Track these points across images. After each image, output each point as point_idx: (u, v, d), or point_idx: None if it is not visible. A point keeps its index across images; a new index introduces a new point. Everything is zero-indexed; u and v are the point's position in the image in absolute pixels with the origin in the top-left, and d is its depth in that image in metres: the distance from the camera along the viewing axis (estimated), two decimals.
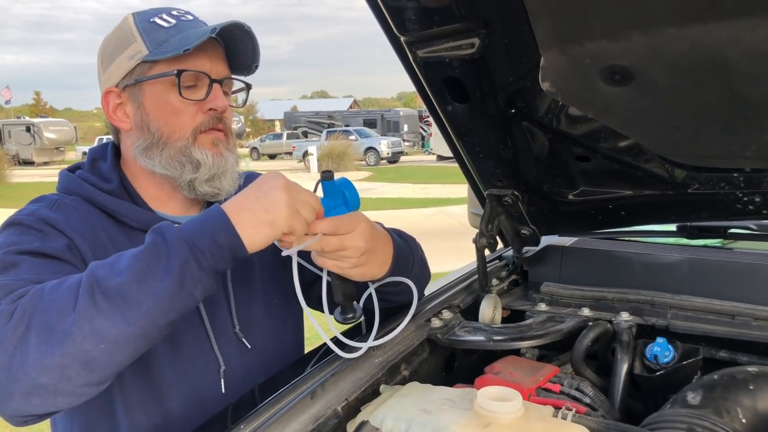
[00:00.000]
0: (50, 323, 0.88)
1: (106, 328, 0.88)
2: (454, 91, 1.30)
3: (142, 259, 0.92)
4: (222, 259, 0.96)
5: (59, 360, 0.87)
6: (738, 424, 1.06)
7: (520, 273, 1.85)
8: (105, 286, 0.90)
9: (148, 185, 1.25)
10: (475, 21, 1.14)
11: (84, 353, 0.88)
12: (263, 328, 1.31)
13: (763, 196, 1.34)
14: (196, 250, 0.93)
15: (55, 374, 0.88)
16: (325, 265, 1.10)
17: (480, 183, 1.58)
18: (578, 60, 1.10)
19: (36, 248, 1.05)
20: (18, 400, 0.89)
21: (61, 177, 1.25)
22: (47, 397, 0.89)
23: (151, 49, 1.17)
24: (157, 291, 0.90)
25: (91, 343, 0.88)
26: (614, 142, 1.35)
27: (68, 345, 0.87)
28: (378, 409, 1.05)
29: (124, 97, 1.21)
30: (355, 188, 1.11)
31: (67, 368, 0.88)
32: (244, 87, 1.31)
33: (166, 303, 0.91)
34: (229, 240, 0.95)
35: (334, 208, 1.08)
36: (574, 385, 1.23)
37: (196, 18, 1.24)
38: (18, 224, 1.11)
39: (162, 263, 0.91)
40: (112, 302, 0.89)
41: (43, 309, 0.89)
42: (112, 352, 0.90)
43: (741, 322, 1.37)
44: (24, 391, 0.88)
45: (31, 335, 0.87)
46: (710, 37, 0.96)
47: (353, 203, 1.10)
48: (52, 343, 0.87)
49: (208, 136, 1.21)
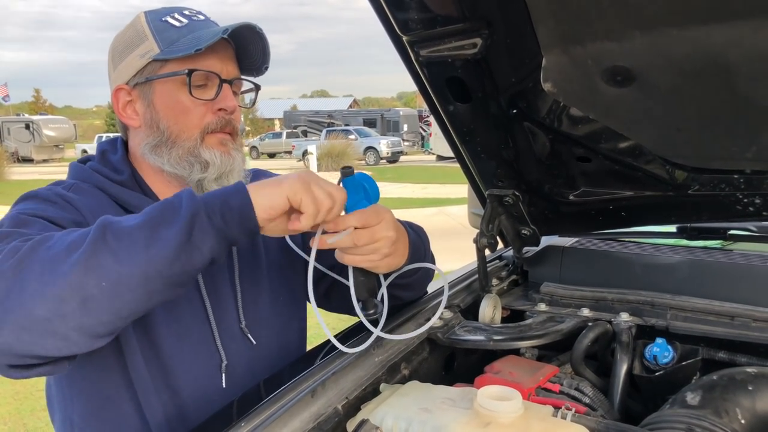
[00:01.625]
0: (56, 256, 0.89)
1: (109, 265, 0.88)
2: (456, 91, 1.31)
3: (155, 209, 0.94)
4: (231, 219, 0.95)
5: (59, 291, 0.86)
6: (737, 425, 1.06)
7: (520, 273, 1.86)
8: (116, 227, 0.91)
9: (156, 181, 1.26)
10: (477, 21, 1.14)
11: (84, 288, 0.87)
12: (269, 325, 1.32)
13: (763, 197, 1.35)
14: (208, 207, 0.94)
15: (51, 306, 0.87)
16: (354, 261, 1.10)
17: (481, 183, 1.59)
18: (580, 61, 1.10)
19: (50, 216, 1.07)
20: (8, 334, 0.87)
21: (72, 168, 1.26)
22: (38, 335, 0.88)
23: (163, 48, 1.18)
24: (166, 237, 0.90)
25: (94, 279, 0.87)
26: (615, 143, 1.35)
27: (71, 275, 0.87)
28: (378, 407, 1.05)
29: (134, 94, 1.22)
30: (375, 181, 1.12)
31: (65, 302, 0.87)
32: (252, 87, 1.33)
33: (172, 251, 0.90)
34: (239, 203, 0.96)
35: (356, 203, 1.09)
36: (573, 385, 1.23)
37: (208, 18, 1.25)
38: (35, 197, 1.13)
39: (174, 214, 0.92)
40: (120, 242, 0.89)
41: (52, 245, 0.90)
42: (111, 293, 0.88)
43: (740, 323, 1.37)
44: (16, 322, 0.87)
45: (35, 265, 0.88)
46: (712, 39, 0.96)
47: (374, 196, 1.11)
48: (54, 273, 0.87)
49: (216, 137, 1.22)
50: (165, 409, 1.16)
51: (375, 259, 1.10)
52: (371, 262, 1.11)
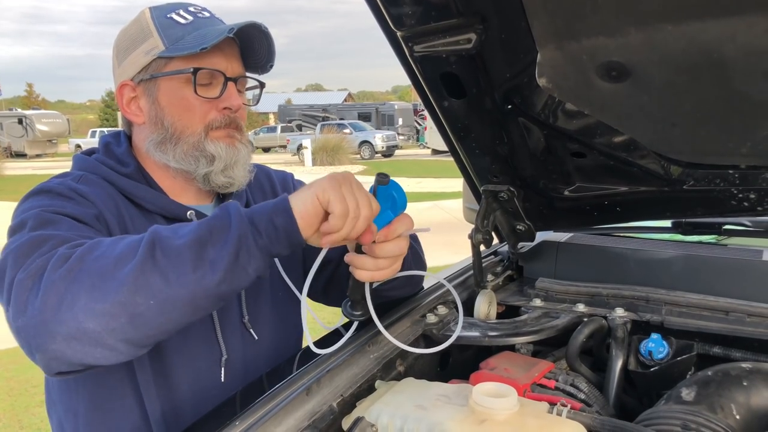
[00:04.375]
0: (106, 270, 0.90)
1: (158, 285, 0.90)
2: (450, 86, 1.30)
3: (204, 226, 0.95)
4: (277, 240, 0.96)
5: (109, 307, 0.89)
6: (732, 420, 1.06)
7: (516, 269, 1.86)
8: (166, 245, 0.92)
9: (161, 176, 1.25)
10: (472, 17, 1.14)
11: (134, 306, 0.89)
12: (269, 321, 1.32)
13: (757, 192, 1.35)
14: (254, 228, 0.95)
15: (101, 321, 0.89)
16: (362, 276, 1.08)
17: (476, 179, 1.58)
18: (575, 56, 1.09)
19: (70, 212, 1.07)
20: (60, 342, 0.90)
21: (76, 160, 1.26)
22: (88, 345, 0.90)
23: (168, 46, 1.17)
24: (214, 259, 0.92)
25: (143, 297, 0.89)
26: (610, 139, 1.35)
27: (121, 293, 0.89)
28: (373, 405, 1.05)
29: (139, 91, 1.22)
30: (403, 190, 1.09)
31: (115, 318, 0.89)
32: (257, 85, 1.32)
33: (219, 272, 0.92)
34: (285, 222, 0.96)
35: (382, 212, 1.04)
36: (569, 381, 1.23)
37: (213, 15, 1.25)
38: (47, 191, 1.12)
39: (222, 234, 0.93)
40: (169, 261, 0.91)
41: (100, 256, 0.91)
42: (159, 311, 0.91)
43: (735, 318, 1.37)
44: (68, 333, 0.89)
45: (85, 279, 0.89)
46: (707, 34, 0.96)
47: (401, 206, 1.08)
48: (105, 290, 0.89)
49: (221, 132, 1.22)
50: (162, 401, 1.16)
51: (383, 275, 1.09)
52: (393, 273, 1.10)
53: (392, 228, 1.06)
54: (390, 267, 1.08)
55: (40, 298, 0.89)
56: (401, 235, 1.07)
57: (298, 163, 23.29)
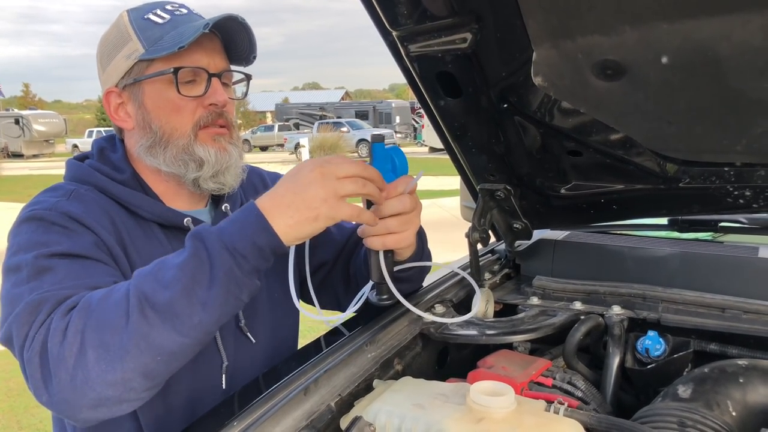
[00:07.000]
0: (105, 341, 0.91)
1: (161, 343, 0.92)
2: (446, 86, 1.30)
3: (186, 270, 0.94)
4: (263, 259, 0.98)
5: (121, 375, 0.91)
6: (728, 417, 1.07)
7: (513, 267, 1.86)
8: (154, 301, 0.92)
9: (155, 181, 1.25)
10: (467, 16, 1.14)
11: (143, 366, 0.92)
12: (265, 322, 1.32)
13: (753, 190, 1.35)
14: (238, 256, 0.96)
15: (119, 387, 0.92)
16: (386, 241, 1.13)
17: (472, 177, 1.58)
18: (570, 55, 1.09)
19: (66, 250, 1.05)
20: (86, 412, 0.93)
21: (69, 166, 1.24)
22: (113, 405, 0.94)
23: (147, 48, 1.16)
24: (206, 302, 0.93)
25: (149, 357, 0.92)
26: (606, 137, 1.35)
27: (127, 361, 0.91)
28: (371, 404, 1.05)
29: (125, 96, 1.21)
30: (403, 153, 1.14)
31: (130, 381, 0.92)
32: (244, 78, 1.31)
33: (215, 312, 0.95)
34: (268, 241, 0.98)
35: (383, 175, 1.09)
36: (566, 379, 1.24)
37: (191, 11, 1.23)
38: (40, 220, 1.09)
39: (206, 274, 0.94)
40: (163, 317, 0.92)
41: (95, 326, 0.92)
42: (169, 361, 0.95)
43: (731, 315, 1.38)
44: (91, 404, 0.92)
45: (88, 352, 0.91)
46: (702, 32, 0.96)
47: (401, 168, 1.12)
48: (110, 361, 0.90)
49: (209, 133, 1.20)
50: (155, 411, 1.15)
51: (394, 240, 1.14)
52: (407, 239, 1.15)
53: (393, 185, 1.11)
54: (399, 231, 1.12)
55: (54, 377, 0.91)
56: (403, 192, 1.12)
57: (295, 162, 23.27)
